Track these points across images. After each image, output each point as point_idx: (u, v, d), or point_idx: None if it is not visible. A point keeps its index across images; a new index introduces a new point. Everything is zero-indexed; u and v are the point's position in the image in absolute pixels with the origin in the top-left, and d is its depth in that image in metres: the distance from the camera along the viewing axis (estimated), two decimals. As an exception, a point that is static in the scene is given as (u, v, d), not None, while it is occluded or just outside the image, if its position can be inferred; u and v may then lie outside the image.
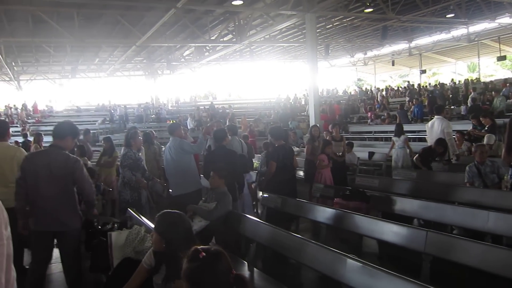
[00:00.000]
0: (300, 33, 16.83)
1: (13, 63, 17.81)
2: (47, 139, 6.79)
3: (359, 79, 37.25)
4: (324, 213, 4.27)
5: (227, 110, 20.72)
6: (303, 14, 10.96)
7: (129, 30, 13.13)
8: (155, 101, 26.25)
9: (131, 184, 4.62)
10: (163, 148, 6.37)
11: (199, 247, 1.48)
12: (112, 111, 21.90)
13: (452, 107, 14.65)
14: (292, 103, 23.77)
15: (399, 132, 7.88)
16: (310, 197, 5.97)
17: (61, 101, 27.66)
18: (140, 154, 5.13)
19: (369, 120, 15.91)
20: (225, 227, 3.70)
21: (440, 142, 6.18)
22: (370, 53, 26.26)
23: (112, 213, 5.96)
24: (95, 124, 19.86)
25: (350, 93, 28.28)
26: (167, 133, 6.16)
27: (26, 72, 21.55)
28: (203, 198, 4.10)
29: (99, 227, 3.40)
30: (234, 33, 14.85)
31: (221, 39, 15.75)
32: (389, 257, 4.12)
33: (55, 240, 3.18)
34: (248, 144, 7.25)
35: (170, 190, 5.22)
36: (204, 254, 1.43)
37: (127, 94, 29.67)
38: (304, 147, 8.45)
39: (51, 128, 3.89)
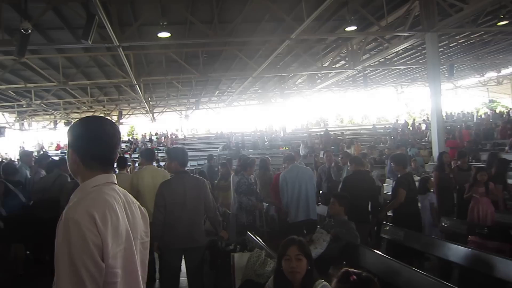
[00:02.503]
0: (419, 54, 15.85)
1: (149, 98, 20.47)
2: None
3: (491, 100, 33.10)
4: (457, 252, 3.76)
5: (339, 137, 20.37)
6: (422, 34, 10.30)
7: (245, 63, 14.08)
8: (269, 129, 27.31)
9: (247, 208, 4.82)
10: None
11: (350, 269, 1.48)
12: (229, 139, 23.51)
13: None
14: (411, 128, 22.25)
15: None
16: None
17: (186, 130, 30.84)
18: (252, 179, 5.37)
19: (507, 147, 13.91)
20: (342, 257, 3.56)
21: None
22: (505, 71, 23.21)
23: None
24: (216, 150, 21.41)
25: (481, 116, 25.24)
26: (281, 160, 6.35)
27: (158, 106, 24.53)
28: (318, 226, 4.04)
29: (223, 247, 3.59)
30: (346, 59, 14.72)
31: (333, 66, 15.73)
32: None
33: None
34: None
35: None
36: (355, 277, 1.42)
37: (243, 122, 31.50)
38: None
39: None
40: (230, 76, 16.41)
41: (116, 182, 1.48)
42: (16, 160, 15.71)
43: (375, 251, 3.72)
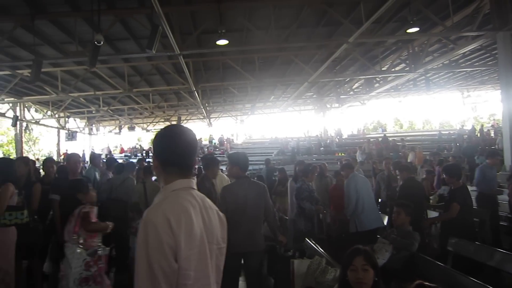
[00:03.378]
0: (488, 55, 14.78)
1: (206, 104, 21.09)
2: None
3: None
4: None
5: (398, 143, 19.52)
6: (493, 34, 9.58)
7: (301, 68, 14.02)
8: (324, 134, 26.92)
9: (307, 215, 4.78)
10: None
11: (424, 282, 1.43)
12: (283, 144, 23.48)
13: None
14: (479, 135, 20.76)
15: None
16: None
17: (241, 135, 31.35)
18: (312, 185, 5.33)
19: None
20: (406, 269, 3.38)
21: None
22: None
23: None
24: (271, 155, 21.51)
25: None
26: (336, 166, 6.26)
27: (215, 111, 25.19)
28: (378, 236, 3.89)
29: (281, 252, 3.58)
30: (407, 61, 14.09)
31: (393, 69, 15.15)
32: None
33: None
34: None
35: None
36: None
37: (298, 127, 31.37)
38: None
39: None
40: (285, 81, 16.42)
41: (194, 187, 1.58)
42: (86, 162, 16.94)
43: (444, 265, 3.49)
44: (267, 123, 29.91)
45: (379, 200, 7.66)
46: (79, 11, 8.05)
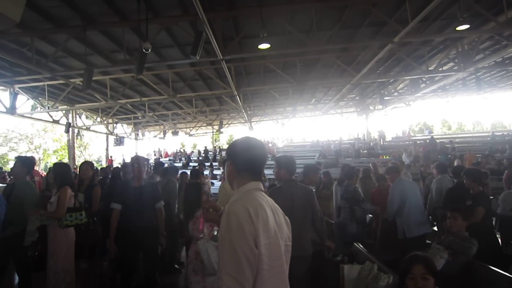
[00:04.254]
0: (548, 50, 13.73)
1: (248, 108, 21.24)
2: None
3: None
4: None
5: (447, 145, 18.61)
6: (554, 27, 8.92)
7: (343, 70, 13.77)
8: (367, 136, 26.25)
9: (359, 218, 4.68)
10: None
11: None
12: (324, 147, 23.13)
13: None
14: (537, 136, 19.35)
15: None
16: None
17: (281, 138, 31.28)
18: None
19: None
20: (462, 276, 3.17)
21: None
22: None
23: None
24: (313, 158, 21.29)
25: None
26: (383, 168, 6.06)
27: (256, 115, 25.32)
28: (430, 242, 3.70)
29: (330, 257, 3.50)
30: (456, 60, 13.43)
31: (441, 69, 14.47)
32: None
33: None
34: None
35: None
36: None
37: (340, 130, 30.85)
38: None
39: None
40: (327, 83, 16.20)
41: (263, 189, 1.81)
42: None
43: (506, 273, 3.24)
44: (308, 126, 29.63)
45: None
46: (126, 21, 8.40)
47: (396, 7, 8.98)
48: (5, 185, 4.56)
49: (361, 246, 3.51)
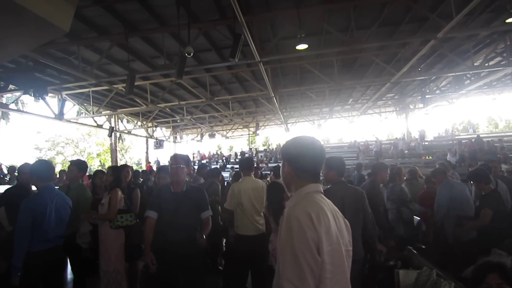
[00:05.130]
0: None
1: (284, 110, 21.18)
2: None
3: None
4: None
5: (496, 144, 17.64)
6: None
7: (382, 69, 13.41)
8: (407, 136, 25.41)
9: (406, 219, 4.53)
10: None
11: None
12: (362, 148, 22.61)
13: None
14: None
15: None
16: None
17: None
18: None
19: None
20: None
21: None
22: None
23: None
24: (352, 159, 20.90)
25: None
26: (425, 170, 5.84)
27: (292, 116, 25.19)
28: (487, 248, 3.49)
29: (382, 261, 3.39)
30: (504, 54, 12.70)
31: (487, 64, 13.75)
32: None
33: None
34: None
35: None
36: None
37: (379, 130, 30.10)
38: None
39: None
40: (365, 83, 15.84)
41: (322, 191, 1.73)
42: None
43: None
44: (345, 127, 29.07)
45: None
46: (166, 27, 8.62)
47: (439, 1, 8.64)
48: (58, 186, 4.72)
49: (414, 250, 3.36)
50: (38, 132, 53.26)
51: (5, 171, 16.34)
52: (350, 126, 25.07)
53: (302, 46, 8.25)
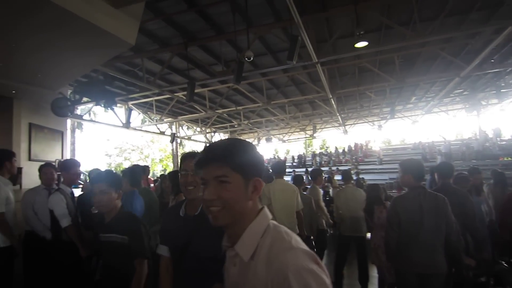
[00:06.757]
0: None
1: (341, 111, 20.63)
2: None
3: None
4: None
5: None
6: None
7: (449, 62, 12.53)
8: (480, 135, 23.50)
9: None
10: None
11: None
12: (427, 149, 21.27)
13: None
14: None
15: None
16: None
17: (378, 141, 29.75)
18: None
19: None
20: None
21: None
22: None
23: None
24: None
25: None
26: (506, 172, 5.24)
27: (350, 118, 24.46)
28: None
29: (470, 278, 3.06)
30: None
31: None
32: None
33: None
34: None
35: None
36: None
37: (445, 130, 28.25)
38: None
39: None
40: (429, 79, 14.89)
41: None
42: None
43: None
44: (408, 127, 27.55)
45: None
46: (223, 34, 8.76)
47: (514, -15, 7.87)
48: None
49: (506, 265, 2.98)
50: (108, 139, 57.22)
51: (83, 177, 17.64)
52: (414, 126, 23.66)
53: (361, 44, 7.93)
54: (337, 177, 17.31)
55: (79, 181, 8.68)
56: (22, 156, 7.81)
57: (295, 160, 30.65)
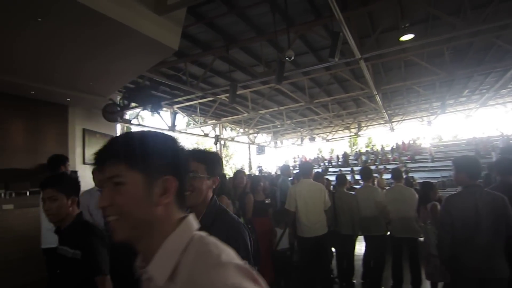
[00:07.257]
0: None
1: (387, 108, 19.95)
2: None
3: None
4: None
5: None
6: None
7: (505, 51, 11.70)
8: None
9: None
10: None
11: None
12: (480, 144, 19.99)
13: None
14: None
15: None
16: None
17: (427, 137, 28.40)
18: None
19: None
20: None
21: None
22: None
23: None
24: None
25: None
26: None
27: (397, 114, 23.61)
28: None
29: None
30: None
31: None
32: None
33: None
34: None
35: None
36: None
37: (503, 124, 26.43)
38: None
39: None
40: (483, 70, 13.99)
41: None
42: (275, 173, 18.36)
43: None
44: (461, 122, 26.00)
45: None
46: (263, 35, 8.77)
47: None
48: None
49: None
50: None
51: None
52: (467, 121, 22.35)
53: (407, 37, 7.60)
54: (385, 176, 16.74)
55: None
56: (77, 160, 8.30)
57: (340, 160, 30.08)
